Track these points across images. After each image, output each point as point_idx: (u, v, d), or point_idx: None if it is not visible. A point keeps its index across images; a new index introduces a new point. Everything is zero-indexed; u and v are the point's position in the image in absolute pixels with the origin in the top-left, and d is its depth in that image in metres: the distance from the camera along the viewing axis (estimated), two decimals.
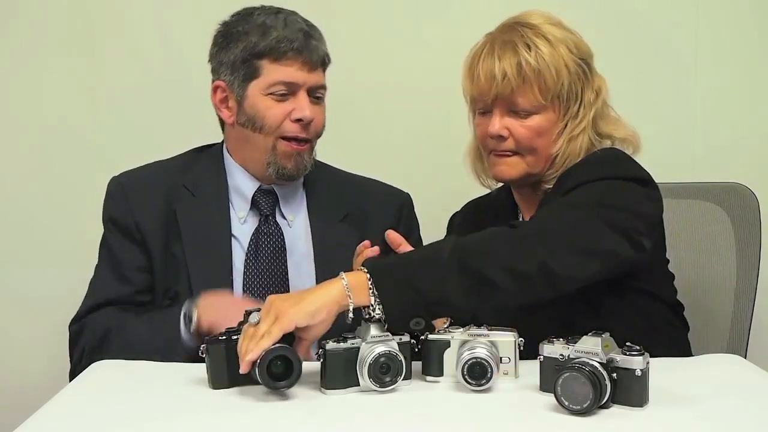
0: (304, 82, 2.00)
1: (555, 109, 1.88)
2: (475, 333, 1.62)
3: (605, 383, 1.45)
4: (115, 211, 2.04)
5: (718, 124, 2.58)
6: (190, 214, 2.03)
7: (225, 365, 1.60)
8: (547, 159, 1.91)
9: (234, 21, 2.03)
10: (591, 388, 1.44)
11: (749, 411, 1.49)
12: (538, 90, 1.86)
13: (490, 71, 1.86)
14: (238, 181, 2.07)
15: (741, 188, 2.22)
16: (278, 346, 1.53)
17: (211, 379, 1.61)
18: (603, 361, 1.46)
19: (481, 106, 1.93)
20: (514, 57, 1.86)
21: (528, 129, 1.88)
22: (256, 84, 1.99)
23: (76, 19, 2.56)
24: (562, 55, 1.87)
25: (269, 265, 2.02)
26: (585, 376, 1.44)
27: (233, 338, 1.60)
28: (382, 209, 2.13)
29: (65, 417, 1.49)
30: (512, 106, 1.88)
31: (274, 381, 1.53)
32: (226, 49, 2.02)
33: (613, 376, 1.46)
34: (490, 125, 1.90)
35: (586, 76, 1.91)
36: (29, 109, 2.59)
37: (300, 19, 2.03)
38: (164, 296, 2.00)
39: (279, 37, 1.97)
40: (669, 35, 2.55)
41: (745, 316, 2.13)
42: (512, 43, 1.87)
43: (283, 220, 2.07)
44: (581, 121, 1.89)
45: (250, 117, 2.00)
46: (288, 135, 2.00)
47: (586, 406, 1.45)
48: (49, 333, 2.20)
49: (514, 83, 1.85)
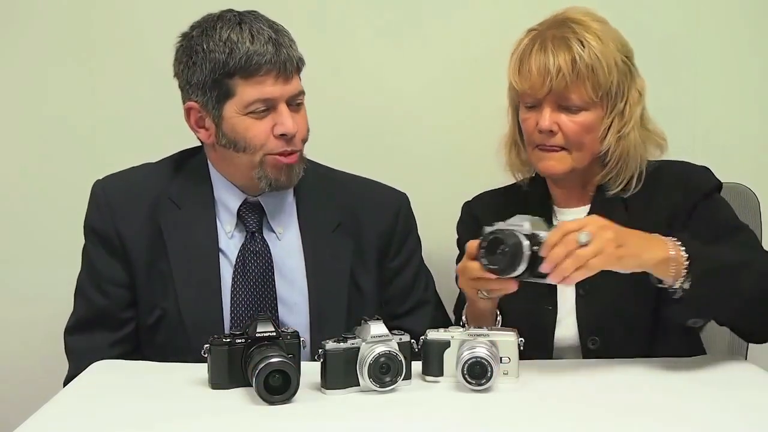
0: (282, 94, 1.90)
1: (603, 106, 1.90)
2: (475, 333, 1.62)
3: (521, 251, 1.62)
4: (97, 222, 1.98)
5: (718, 124, 2.58)
6: (176, 229, 1.96)
7: (226, 366, 1.60)
8: (592, 155, 1.93)
9: (196, 37, 1.92)
10: (501, 252, 1.63)
11: (750, 411, 1.49)
12: (591, 86, 1.87)
13: (544, 66, 1.87)
14: (223, 194, 1.99)
15: (741, 188, 2.21)
16: (279, 360, 1.53)
17: (211, 379, 1.61)
18: (527, 234, 1.64)
19: (530, 100, 1.93)
20: (568, 53, 1.87)
21: (577, 124, 1.90)
22: (231, 104, 1.89)
23: (76, 20, 2.55)
24: (612, 52, 1.89)
25: (257, 282, 1.96)
26: (501, 238, 1.63)
27: (237, 342, 1.61)
28: (378, 213, 2.07)
29: (65, 417, 1.49)
30: (563, 101, 1.89)
31: (271, 395, 1.53)
32: (192, 68, 1.91)
33: (534, 250, 1.62)
34: (540, 120, 1.90)
35: (632, 75, 1.94)
36: (29, 109, 2.59)
37: (264, 24, 1.90)
38: (150, 313, 1.95)
39: (248, 52, 1.86)
40: (669, 35, 2.55)
41: None
42: (565, 38, 1.88)
43: (271, 234, 2.00)
44: (629, 119, 1.92)
45: (230, 139, 1.91)
46: (274, 151, 1.92)
47: (504, 267, 1.63)
48: (49, 333, 2.19)
49: (568, 78, 1.86)
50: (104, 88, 2.57)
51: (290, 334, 1.62)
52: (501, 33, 2.04)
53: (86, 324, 1.98)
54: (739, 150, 2.57)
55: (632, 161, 1.93)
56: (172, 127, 2.09)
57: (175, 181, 2.02)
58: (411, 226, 2.14)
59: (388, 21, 2.57)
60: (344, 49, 2.57)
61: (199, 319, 1.92)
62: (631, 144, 1.92)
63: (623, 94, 1.92)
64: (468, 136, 2.53)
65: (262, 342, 1.60)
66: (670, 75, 2.54)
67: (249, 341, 1.61)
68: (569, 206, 2.00)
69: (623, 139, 1.91)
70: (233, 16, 1.92)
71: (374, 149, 2.55)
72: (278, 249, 1.99)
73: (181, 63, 1.95)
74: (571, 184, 1.99)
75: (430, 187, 2.47)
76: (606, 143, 1.91)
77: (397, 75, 2.57)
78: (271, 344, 1.59)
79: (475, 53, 2.53)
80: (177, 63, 1.96)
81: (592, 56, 1.87)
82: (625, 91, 1.92)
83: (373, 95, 2.57)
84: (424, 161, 2.56)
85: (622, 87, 1.91)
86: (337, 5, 2.57)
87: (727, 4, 2.58)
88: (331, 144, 2.09)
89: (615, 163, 1.92)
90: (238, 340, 1.61)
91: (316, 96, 2.02)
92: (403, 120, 2.57)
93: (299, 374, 1.54)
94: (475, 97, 2.53)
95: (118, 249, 1.97)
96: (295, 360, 1.57)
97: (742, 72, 2.58)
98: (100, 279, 1.97)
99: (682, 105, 2.55)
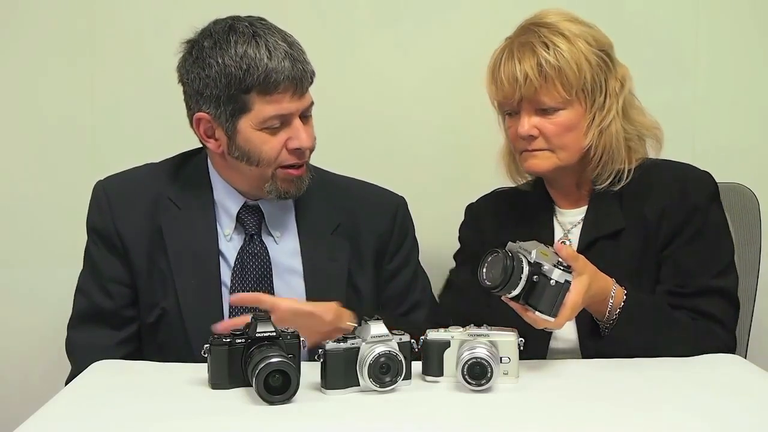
0: (297, 109, 1.91)
1: (581, 102, 1.91)
2: (475, 333, 1.62)
3: (520, 275, 1.62)
4: (98, 222, 1.99)
5: (718, 124, 2.58)
6: (176, 229, 1.97)
7: (226, 366, 1.60)
8: (579, 152, 1.94)
9: (208, 48, 1.89)
10: (502, 270, 1.62)
11: (749, 411, 1.49)
12: (561, 86, 1.88)
13: (512, 74, 1.89)
14: (223, 197, 2.00)
15: (741, 188, 2.21)
16: (279, 360, 1.53)
17: (211, 379, 1.62)
18: (531, 261, 1.64)
19: (508, 108, 1.95)
20: (533, 57, 1.88)
21: (557, 125, 1.91)
22: (247, 118, 1.89)
23: (76, 20, 2.55)
24: (581, 49, 1.90)
25: (256, 284, 1.97)
26: (504, 257, 1.62)
27: (237, 341, 1.61)
28: (376, 216, 2.07)
29: (65, 417, 1.49)
30: (538, 105, 1.90)
31: (271, 395, 1.53)
32: (205, 80, 1.89)
33: (533, 278, 1.63)
34: (519, 126, 1.92)
35: (608, 67, 1.94)
36: (29, 109, 2.59)
37: (279, 38, 1.89)
38: (150, 312, 1.96)
39: (266, 70, 1.85)
40: (669, 35, 2.55)
41: (745, 317, 2.12)
42: (530, 44, 1.90)
43: (269, 238, 2.01)
44: (609, 111, 1.92)
45: (244, 152, 1.91)
46: (285, 164, 1.93)
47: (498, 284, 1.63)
48: (49, 333, 2.19)
49: (536, 83, 1.88)
50: (104, 88, 2.57)
51: (290, 334, 1.62)
52: (499, 33, 2.04)
53: (87, 319, 1.99)
54: (739, 150, 2.57)
55: (617, 153, 1.93)
56: (172, 127, 2.09)
57: (175, 182, 2.03)
58: (408, 228, 2.15)
59: (387, 21, 2.57)
60: (343, 49, 2.57)
61: (198, 318, 1.92)
62: (612, 136, 1.92)
63: (601, 87, 1.92)
64: (466, 138, 2.54)
65: (262, 342, 1.60)
66: (670, 75, 2.54)
67: (249, 341, 1.61)
68: (569, 208, 2.01)
69: (604, 132, 1.92)
70: (246, 28, 1.90)
71: (372, 151, 2.55)
72: (276, 251, 2.00)
73: (191, 73, 1.93)
74: (566, 185, 2.00)
75: (427, 189, 2.48)
76: (589, 138, 1.92)
77: (395, 76, 2.57)
78: (271, 344, 1.59)
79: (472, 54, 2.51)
80: (185, 72, 1.94)
81: (558, 57, 1.88)
82: (603, 84, 1.92)
83: (371, 96, 2.57)
84: (422, 163, 2.56)
85: (598, 80, 1.91)
86: (335, 6, 2.57)
87: (728, 4, 2.58)
88: (330, 144, 2.09)
89: (600, 157, 1.93)
90: (238, 339, 1.61)
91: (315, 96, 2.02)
92: (401, 121, 2.58)
93: (299, 374, 1.54)
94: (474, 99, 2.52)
95: (119, 248, 1.97)
96: (295, 360, 1.57)
97: (742, 72, 2.58)
98: (103, 277, 1.98)
99: (682, 105, 2.55)
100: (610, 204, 1.94)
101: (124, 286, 1.98)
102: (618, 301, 1.78)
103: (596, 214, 1.96)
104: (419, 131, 2.57)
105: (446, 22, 2.56)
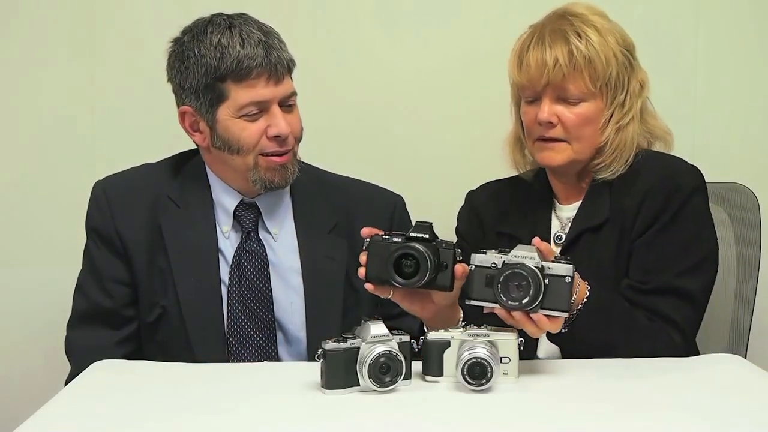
0: (274, 96, 1.93)
1: (603, 97, 1.92)
2: (475, 333, 1.62)
3: (542, 283, 1.58)
4: (98, 221, 2.00)
5: (718, 124, 2.58)
6: (176, 228, 1.98)
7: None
8: (593, 147, 1.94)
9: (188, 42, 1.94)
10: (532, 285, 1.57)
11: (749, 411, 1.49)
12: (588, 77, 1.89)
13: (541, 59, 1.89)
14: (220, 195, 2.02)
15: (741, 188, 2.22)
16: (408, 245, 1.60)
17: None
18: (539, 266, 1.59)
19: (529, 94, 1.95)
20: (565, 45, 1.89)
21: (577, 116, 1.91)
22: (225, 107, 1.93)
23: (76, 20, 2.56)
24: (611, 44, 1.91)
25: (253, 282, 1.98)
26: (527, 273, 1.57)
27: (394, 240, 1.65)
28: (373, 215, 2.06)
29: (65, 417, 1.49)
30: (562, 93, 1.91)
31: (403, 278, 1.60)
32: (184, 73, 1.94)
33: (545, 282, 1.59)
34: (539, 112, 1.92)
35: (632, 67, 1.95)
36: (29, 109, 2.59)
37: (254, 27, 1.93)
38: (150, 311, 1.97)
39: (239, 57, 1.89)
40: (669, 35, 2.55)
41: (745, 316, 2.13)
42: (563, 31, 1.90)
43: (267, 234, 2.02)
44: (628, 110, 1.93)
45: (224, 141, 1.94)
46: (267, 151, 1.95)
47: (526, 302, 1.58)
48: (49, 333, 2.20)
49: (565, 70, 1.88)
50: (104, 88, 2.58)
51: (446, 243, 1.67)
52: (501, 32, 2.04)
53: (87, 318, 1.99)
54: (739, 150, 2.57)
55: (627, 151, 1.94)
56: (171, 127, 2.09)
57: (174, 181, 2.04)
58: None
59: (388, 19, 2.57)
60: (343, 48, 2.57)
61: (199, 316, 1.94)
62: (629, 135, 1.93)
63: (623, 85, 1.93)
64: (467, 136, 2.54)
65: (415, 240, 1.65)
66: (671, 75, 2.54)
67: (406, 238, 1.66)
68: (569, 201, 2.01)
69: (622, 131, 1.93)
70: (223, 20, 1.94)
71: (371, 148, 2.56)
72: (274, 249, 2.01)
73: (173, 68, 1.98)
74: (571, 177, 2.00)
75: (426, 187, 2.48)
76: (606, 135, 1.92)
77: (396, 74, 2.58)
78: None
79: (474, 53, 2.53)
80: (170, 68, 1.99)
81: (589, 48, 1.89)
82: (626, 83, 1.93)
83: (371, 94, 2.58)
84: (421, 161, 2.56)
85: (621, 78, 1.92)
86: (336, 5, 2.57)
87: (728, 4, 2.58)
88: (330, 143, 2.10)
89: (611, 153, 1.93)
90: (396, 238, 1.65)
91: (315, 95, 2.03)
92: (401, 119, 2.58)
93: (435, 275, 1.62)
94: (474, 97, 2.53)
95: (118, 248, 1.98)
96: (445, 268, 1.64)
97: (742, 72, 2.59)
98: (102, 277, 1.99)
99: (682, 105, 2.55)
100: (600, 195, 1.95)
101: (124, 286, 1.98)
102: (580, 297, 1.74)
103: (587, 206, 1.96)
104: (419, 131, 2.58)
105: (447, 21, 2.57)
